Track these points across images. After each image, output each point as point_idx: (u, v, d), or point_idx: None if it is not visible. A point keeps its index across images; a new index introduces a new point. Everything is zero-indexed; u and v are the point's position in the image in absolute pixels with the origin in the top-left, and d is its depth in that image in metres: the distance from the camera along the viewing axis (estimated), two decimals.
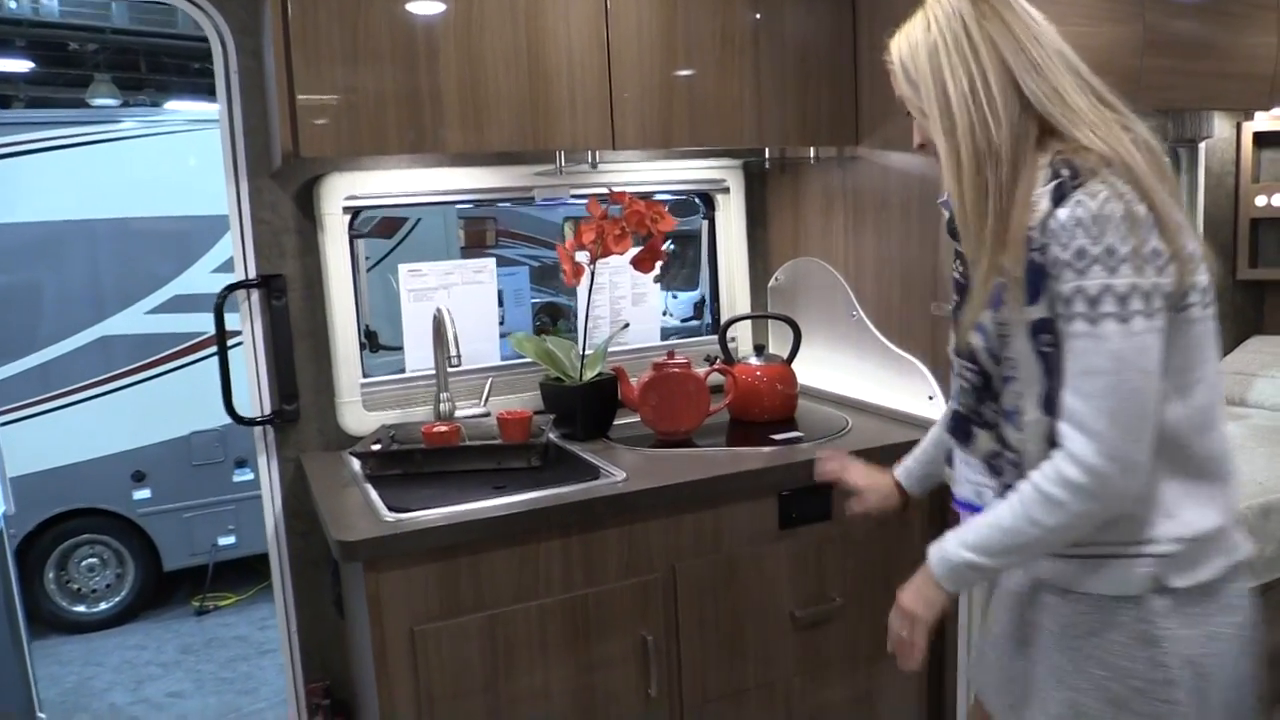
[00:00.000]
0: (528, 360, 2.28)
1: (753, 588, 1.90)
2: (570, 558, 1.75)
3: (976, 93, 1.23)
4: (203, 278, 4.46)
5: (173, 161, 4.48)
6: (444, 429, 1.97)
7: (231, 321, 2.08)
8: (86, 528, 4.55)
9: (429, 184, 2.20)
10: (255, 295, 2.08)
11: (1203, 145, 3.12)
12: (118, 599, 4.65)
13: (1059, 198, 1.17)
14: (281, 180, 2.09)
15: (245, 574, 4.90)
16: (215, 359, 4.52)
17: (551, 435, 2.03)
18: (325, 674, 2.23)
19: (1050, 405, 1.26)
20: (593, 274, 2.08)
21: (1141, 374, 1.16)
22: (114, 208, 4.38)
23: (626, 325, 2.28)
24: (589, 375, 2.13)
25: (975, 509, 1.38)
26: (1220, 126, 3.15)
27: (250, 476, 4.66)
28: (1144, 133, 1.23)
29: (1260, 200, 3.24)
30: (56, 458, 4.40)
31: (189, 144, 4.50)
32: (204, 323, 4.55)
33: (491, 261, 2.30)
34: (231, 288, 2.06)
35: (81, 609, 4.61)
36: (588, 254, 2.03)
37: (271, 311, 2.09)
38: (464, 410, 2.15)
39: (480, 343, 2.26)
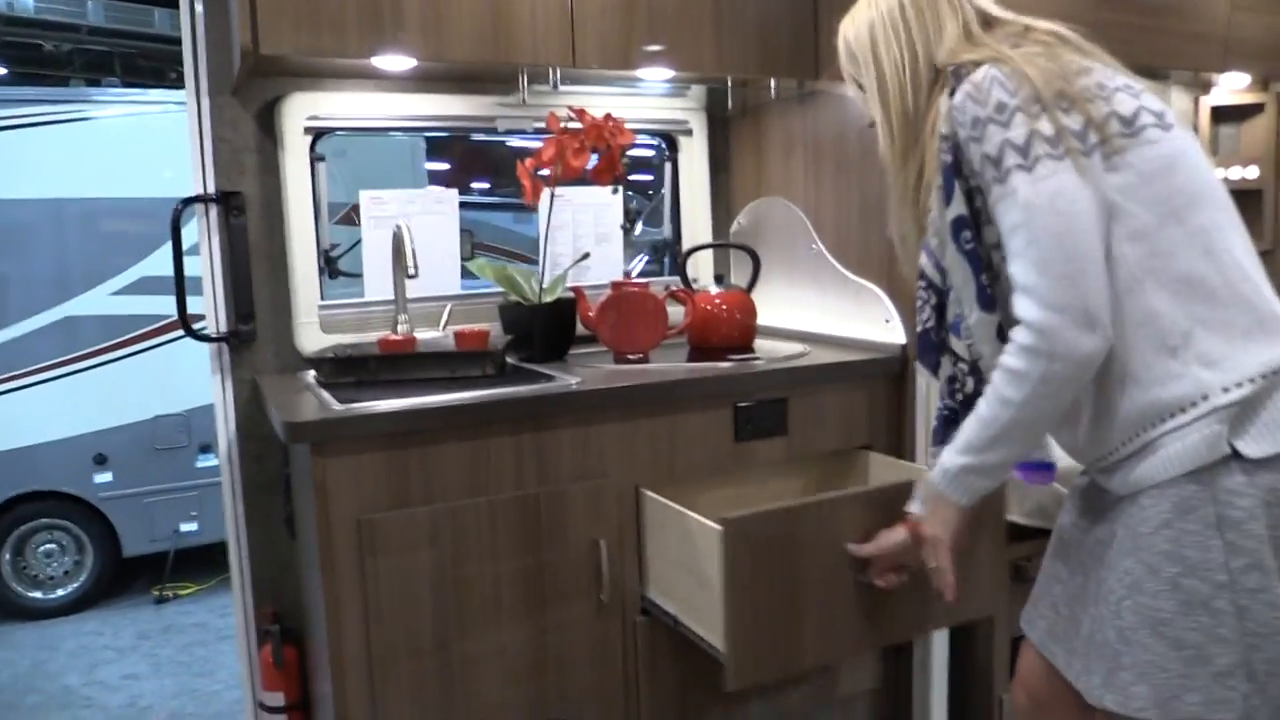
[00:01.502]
0: (487, 291, 2.27)
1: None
2: (522, 455, 1.73)
3: (903, 67, 1.33)
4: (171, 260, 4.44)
5: (143, 142, 4.47)
6: (399, 339, 1.96)
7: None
8: (45, 512, 4.48)
9: (391, 108, 2.21)
10: (213, 212, 2.07)
11: None
12: (75, 585, 4.57)
13: (952, 94, 1.26)
14: (243, 98, 2.09)
15: (207, 564, 4.82)
16: (180, 343, 4.54)
17: (508, 358, 2.02)
18: (276, 603, 2.19)
19: (987, 300, 1.29)
20: (553, 196, 2.09)
21: (1058, 215, 1.16)
22: (83, 188, 4.36)
23: (587, 255, 2.28)
24: (548, 299, 2.13)
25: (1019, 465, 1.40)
26: (1177, 99, 3.21)
27: (214, 462, 4.59)
28: (1043, 32, 1.29)
29: (1219, 174, 3.29)
30: (16, 439, 4.34)
31: (160, 125, 4.50)
32: (171, 305, 4.51)
33: (454, 192, 2.30)
34: (188, 201, 2.05)
35: (38, 595, 4.52)
36: (548, 172, 2.04)
37: (230, 229, 2.08)
38: (422, 334, 2.14)
39: (440, 272, 2.25)
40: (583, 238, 2.41)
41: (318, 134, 2.16)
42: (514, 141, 2.98)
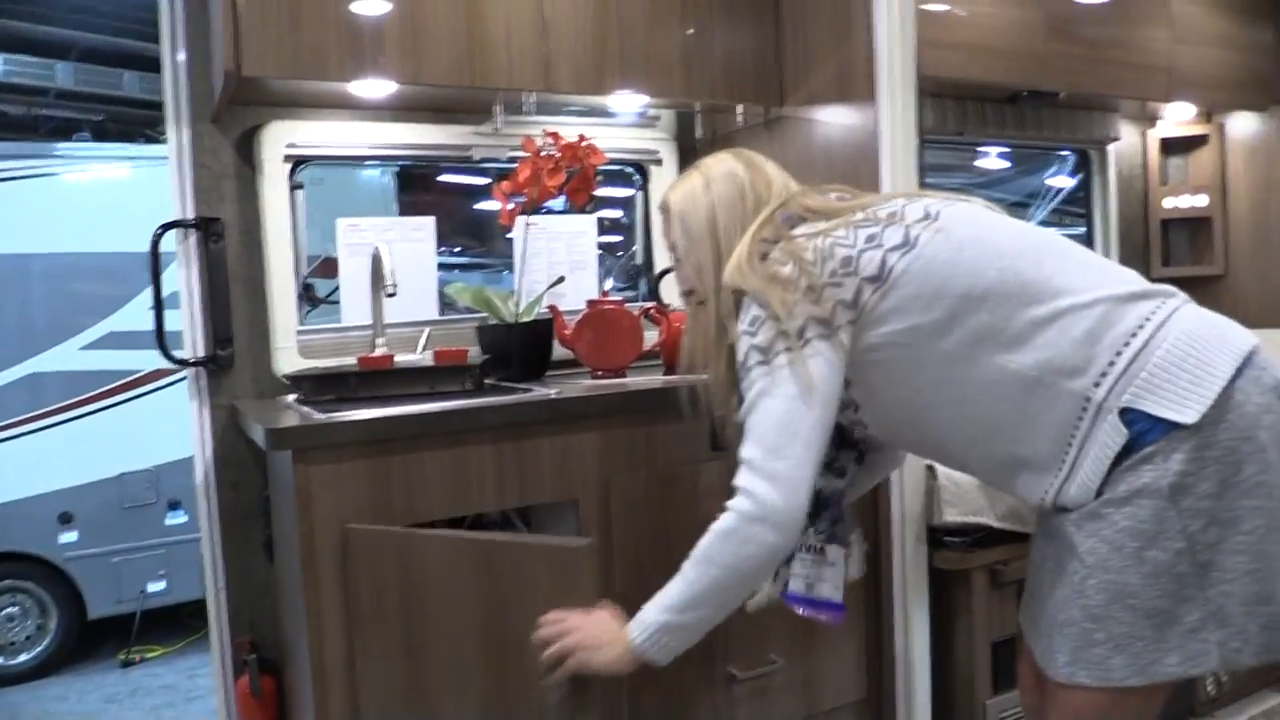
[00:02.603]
0: (464, 316, 2.30)
1: (686, 506, 1.90)
2: (503, 464, 1.74)
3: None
4: (140, 315, 4.40)
5: (111, 197, 4.48)
6: (379, 356, 1.97)
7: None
8: (8, 574, 4.35)
9: (369, 137, 2.25)
10: (193, 237, 2.09)
11: (1111, 148, 3.31)
12: (38, 650, 4.42)
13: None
14: (223, 126, 2.13)
15: (175, 626, 4.71)
16: (148, 399, 4.49)
17: (486, 379, 2.04)
18: (253, 633, 2.15)
19: None
20: (529, 215, 2.13)
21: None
22: (50, 242, 4.34)
23: (562, 279, 2.32)
24: (525, 319, 2.16)
25: (807, 601, 1.53)
26: (1126, 133, 3.34)
27: (184, 519, 4.53)
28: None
29: (1169, 202, 3.43)
30: None
31: (128, 179, 4.52)
32: (139, 360, 4.47)
33: (430, 220, 2.34)
34: (167, 226, 2.06)
35: None
36: (524, 198, 2.08)
37: (208, 254, 2.10)
38: (401, 357, 2.15)
39: (418, 297, 2.27)
40: (558, 264, 2.45)
41: (296, 162, 2.19)
42: (482, 205, 3.06)
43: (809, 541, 1.54)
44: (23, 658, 4.42)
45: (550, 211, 2.42)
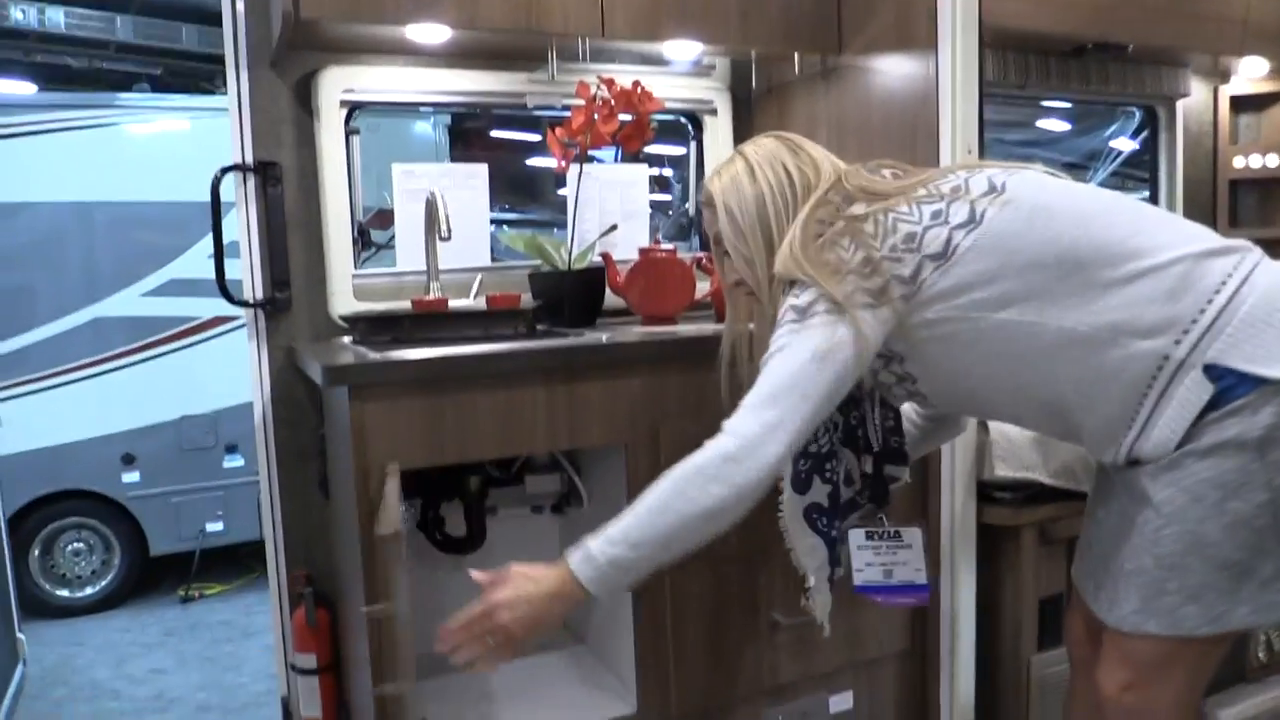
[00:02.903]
0: (517, 263, 2.31)
1: None
2: (555, 407, 1.76)
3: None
4: (199, 262, 4.50)
5: (171, 147, 4.56)
6: (433, 299, 2.00)
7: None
8: (74, 510, 4.53)
9: (424, 84, 2.26)
10: (251, 181, 2.12)
11: (1180, 105, 3.21)
12: (103, 584, 4.62)
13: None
14: (280, 71, 2.15)
15: (232, 565, 4.87)
16: (208, 345, 4.60)
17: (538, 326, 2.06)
18: (309, 567, 2.21)
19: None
20: (583, 163, 2.13)
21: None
22: (113, 191, 4.45)
23: (615, 226, 2.32)
24: (578, 266, 2.17)
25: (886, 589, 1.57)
26: (1196, 89, 3.24)
27: (241, 462, 4.66)
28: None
29: (1239, 162, 3.33)
30: (46, 438, 4.40)
31: (188, 130, 4.60)
32: (199, 307, 4.60)
33: (484, 168, 2.34)
34: (227, 169, 2.10)
35: (65, 593, 4.57)
36: (578, 145, 2.08)
37: (266, 199, 2.13)
38: (454, 303, 2.17)
39: (471, 243, 2.29)
40: (610, 214, 2.44)
41: (353, 107, 2.21)
42: (533, 161, 3.06)
43: (882, 529, 1.56)
44: (88, 590, 4.62)
45: (601, 162, 2.42)
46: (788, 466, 1.50)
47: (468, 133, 4.16)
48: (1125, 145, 3.36)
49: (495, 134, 3.62)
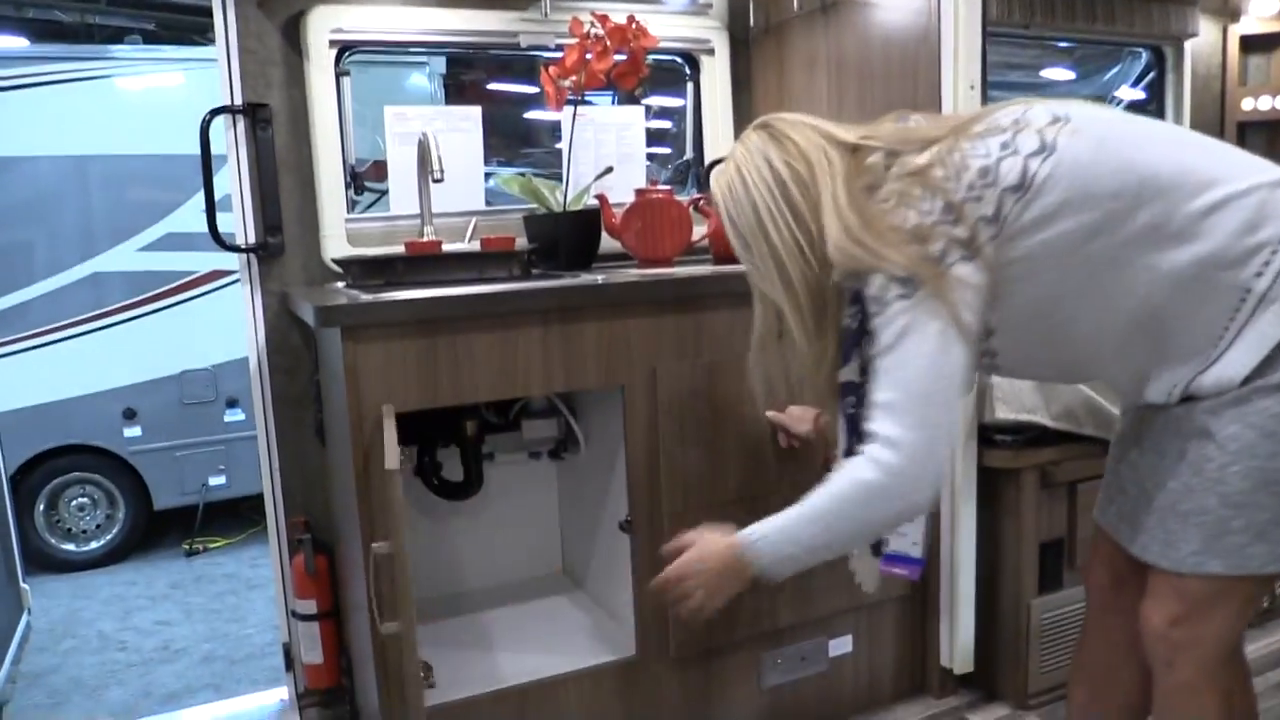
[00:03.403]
0: (512, 206, 2.28)
1: (733, 396, 1.89)
2: (550, 348, 1.74)
3: (797, 245, 1.31)
4: (195, 217, 4.46)
5: (167, 99, 4.50)
6: (426, 241, 1.97)
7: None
8: (77, 465, 4.54)
9: (415, 23, 2.21)
10: (241, 124, 2.09)
11: (1188, 45, 3.15)
12: (108, 538, 4.64)
13: None
14: (268, 10, 2.10)
15: (235, 519, 4.89)
16: (206, 299, 4.58)
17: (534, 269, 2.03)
18: (307, 514, 2.21)
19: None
20: (577, 104, 2.09)
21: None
22: (107, 145, 4.40)
23: (610, 169, 2.28)
24: (573, 209, 2.14)
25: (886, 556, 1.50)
26: (1205, 29, 3.17)
27: (241, 417, 4.65)
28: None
29: (1248, 104, 3.26)
30: (48, 393, 4.40)
31: (181, 83, 4.53)
32: (196, 261, 4.57)
33: (477, 110, 2.31)
34: (215, 112, 2.06)
35: (71, 548, 4.59)
36: (570, 83, 2.04)
37: (257, 141, 2.10)
38: (448, 246, 2.15)
39: (465, 186, 2.26)
40: (605, 157, 2.41)
41: (343, 48, 2.17)
42: (529, 115, 3.01)
43: None
44: (94, 545, 4.64)
45: (595, 105, 2.38)
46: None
47: (464, 85, 4.09)
48: (1130, 94, 3.29)
49: (492, 86, 3.57)
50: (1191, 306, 1.20)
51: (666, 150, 2.88)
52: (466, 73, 4.10)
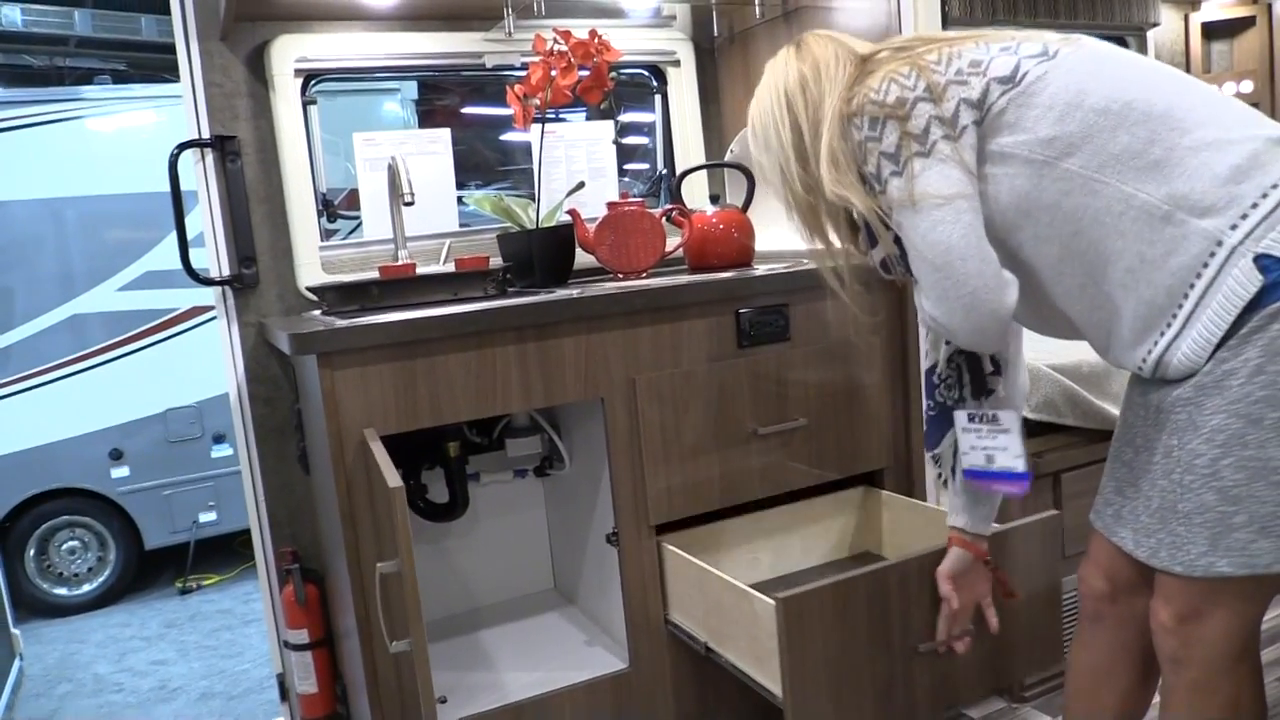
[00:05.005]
0: (485, 226, 2.28)
1: (713, 402, 1.89)
2: (527, 364, 1.74)
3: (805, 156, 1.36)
4: (173, 254, 4.44)
5: (139, 137, 4.50)
6: (400, 265, 1.98)
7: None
8: (66, 509, 4.51)
9: (380, 48, 2.22)
10: (210, 157, 2.09)
11: (1151, 34, 3.18)
12: (100, 580, 4.60)
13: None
14: (232, 43, 2.11)
15: (227, 555, 4.86)
16: (187, 335, 4.56)
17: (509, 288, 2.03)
18: (294, 544, 2.20)
19: None
20: (544, 121, 2.10)
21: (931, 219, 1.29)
22: (82, 186, 4.39)
23: (582, 184, 2.29)
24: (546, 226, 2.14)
25: (988, 475, 1.43)
26: (1167, 17, 3.21)
27: (229, 452, 4.64)
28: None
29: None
30: (33, 438, 4.37)
31: (155, 119, 4.53)
32: (176, 299, 4.56)
33: (446, 132, 2.31)
34: (183, 146, 2.06)
35: (63, 592, 4.55)
36: (537, 101, 2.05)
37: (226, 174, 2.10)
38: (423, 269, 2.15)
39: (438, 209, 2.26)
40: (577, 173, 2.42)
41: (308, 77, 2.17)
42: (503, 138, 3.02)
43: (980, 410, 1.45)
44: (86, 588, 4.60)
45: (566, 120, 2.39)
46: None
47: (436, 110, 4.11)
48: None
49: (465, 110, 3.58)
50: (1160, 252, 1.16)
51: (644, 166, 2.90)
52: (439, 98, 4.12)
